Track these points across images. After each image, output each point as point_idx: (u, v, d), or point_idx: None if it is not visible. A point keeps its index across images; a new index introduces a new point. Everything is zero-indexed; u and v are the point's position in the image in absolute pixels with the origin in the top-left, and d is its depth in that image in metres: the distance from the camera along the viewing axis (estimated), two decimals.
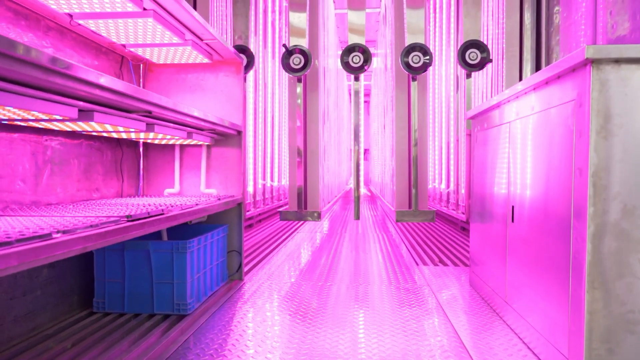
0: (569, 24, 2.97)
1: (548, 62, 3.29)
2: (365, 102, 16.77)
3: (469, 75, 3.47)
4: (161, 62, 2.93)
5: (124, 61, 2.76)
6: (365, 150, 16.17)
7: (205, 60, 2.89)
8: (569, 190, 1.48)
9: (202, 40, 2.59)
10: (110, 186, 2.64)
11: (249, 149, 4.31)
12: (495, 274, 2.31)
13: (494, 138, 2.35)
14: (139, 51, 2.68)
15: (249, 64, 3.48)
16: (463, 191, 3.92)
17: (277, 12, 5.32)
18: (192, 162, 3.02)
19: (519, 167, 1.97)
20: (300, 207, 3.62)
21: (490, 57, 3.29)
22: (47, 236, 1.15)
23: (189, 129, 2.41)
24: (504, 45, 3.50)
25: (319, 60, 3.81)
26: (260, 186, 4.33)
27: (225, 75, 3.00)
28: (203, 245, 2.46)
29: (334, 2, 6.10)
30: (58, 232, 1.21)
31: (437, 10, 5.26)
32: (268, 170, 4.75)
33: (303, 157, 3.66)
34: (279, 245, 4.27)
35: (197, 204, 2.23)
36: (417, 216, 3.53)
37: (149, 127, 1.98)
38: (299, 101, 3.61)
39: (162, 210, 1.81)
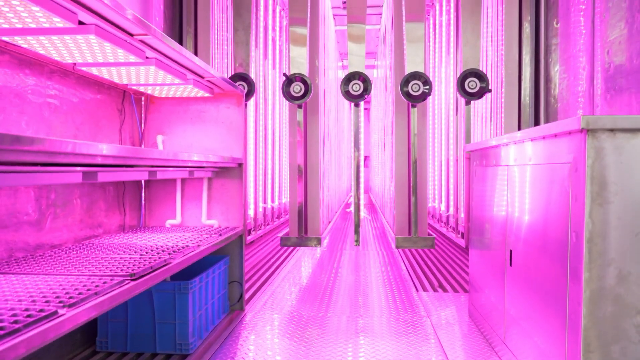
0: (568, 56, 2.99)
1: (547, 92, 3.32)
2: (365, 109, 16.78)
3: (468, 102, 3.49)
4: (163, 95, 2.96)
5: (125, 95, 2.79)
6: (366, 157, 16.19)
7: (207, 95, 2.91)
8: (565, 249, 1.51)
9: (203, 78, 2.62)
10: (112, 220, 2.67)
11: (250, 172, 4.33)
12: (493, 314, 2.34)
13: (492, 177, 2.38)
14: (141, 87, 2.71)
15: (250, 92, 3.51)
16: (462, 215, 3.95)
17: (277, 30, 5.34)
18: (193, 193, 3.04)
19: (517, 213, 2.00)
20: (301, 232, 3.64)
21: (490, 88, 3.31)
22: (54, 315, 1.17)
23: (190, 168, 2.43)
24: (503, 74, 3.52)
25: (319, 86, 3.83)
26: (261, 209, 4.36)
27: (226, 107, 3.03)
28: (205, 282, 2.48)
29: (334, 19, 6.13)
30: (64, 306, 1.24)
31: (437, 35, 5.29)
32: (269, 191, 4.78)
33: (304, 181, 3.68)
34: (280, 266, 4.30)
35: (199, 245, 2.26)
36: (417, 242, 3.55)
37: (152, 174, 2.01)
38: (299, 122, 3.64)
39: (165, 260, 1.83)
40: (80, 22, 1.57)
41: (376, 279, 3.86)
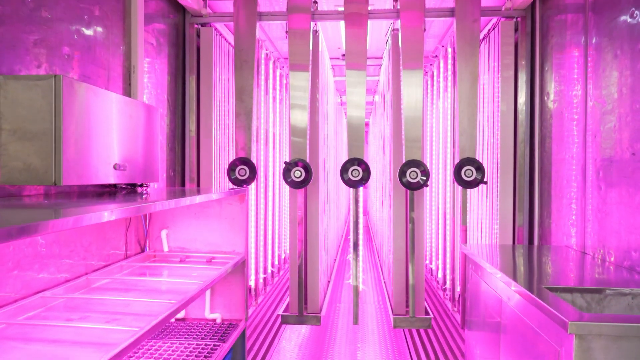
0: (561, 158, 3.09)
1: (541, 178, 3.41)
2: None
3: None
4: None
5: None
6: None
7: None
8: None
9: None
10: None
11: (251, 238, 4.41)
12: None
13: (486, 297, 2.46)
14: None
15: (251, 177, 3.59)
16: (458, 288, 4.04)
17: (277, 90, 5.43)
18: None
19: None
20: (301, 311, 3.72)
21: (485, 180, 3.40)
22: None
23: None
24: (499, 162, 3.62)
25: (319, 170, 3.92)
26: (261, 280, 4.44)
27: (229, 203, 3.11)
28: None
29: (333, 69, 6.23)
30: None
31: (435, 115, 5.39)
32: (269, 259, 4.87)
33: (303, 262, 3.76)
34: (275, 340, 4.36)
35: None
36: (414, 323, 3.64)
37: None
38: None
39: None
40: None
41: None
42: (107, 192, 2.33)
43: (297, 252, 3.73)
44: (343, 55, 5.46)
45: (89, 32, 2.47)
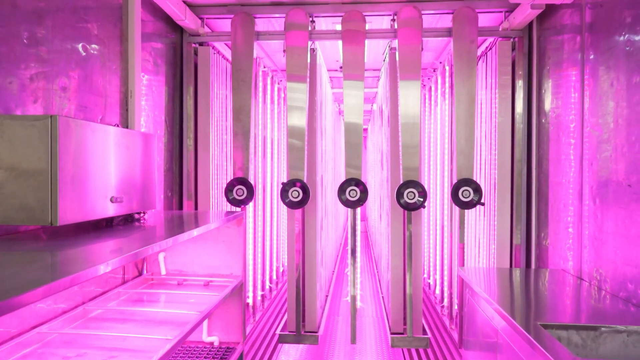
0: (558, 181, 3.09)
1: (538, 199, 3.41)
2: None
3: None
4: None
5: None
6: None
7: None
8: None
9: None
10: None
11: (249, 256, 4.42)
12: None
13: (482, 319, 2.47)
14: None
15: (249, 197, 3.59)
16: (456, 306, 4.04)
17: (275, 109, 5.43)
18: None
19: None
20: (299, 329, 3.72)
21: (482, 201, 3.41)
22: None
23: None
24: (497, 181, 3.62)
25: (316, 189, 3.93)
26: (259, 297, 4.44)
27: (226, 227, 3.11)
28: None
29: (331, 82, 6.23)
30: None
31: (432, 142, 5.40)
32: (267, 275, 4.87)
33: (301, 280, 3.76)
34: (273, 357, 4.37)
35: None
36: (412, 342, 3.64)
37: None
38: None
39: None
40: None
41: None
42: (104, 225, 2.34)
43: (295, 270, 3.73)
44: (341, 67, 5.46)
45: (85, 61, 2.47)
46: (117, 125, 2.75)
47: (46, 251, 1.70)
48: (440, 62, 4.79)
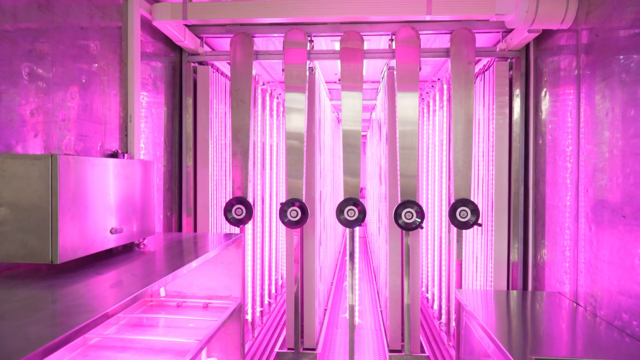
0: (554, 204, 3.12)
1: (535, 220, 3.44)
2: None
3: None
4: None
5: None
6: (361, 189, 16.30)
7: None
8: None
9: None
10: None
11: (248, 269, 4.44)
12: None
13: (478, 343, 2.49)
14: None
15: (247, 217, 3.61)
16: (454, 323, 4.06)
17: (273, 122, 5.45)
18: None
19: None
20: (297, 347, 3.75)
21: (480, 222, 3.43)
22: None
23: None
24: (494, 201, 3.64)
25: (315, 208, 3.95)
26: (258, 314, 4.46)
27: (225, 249, 3.13)
28: None
29: (329, 94, 6.25)
30: None
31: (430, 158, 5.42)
32: (266, 290, 4.89)
33: (300, 297, 3.78)
34: None
35: None
36: None
37: None
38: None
39: None
40: None
41: None
42: (104, 254, 2.35)
43: (294, 284, 3.75)
44: (339, 80, 5.48)
45: (85, 90, 2.49)
46: (117, 151, 2.77)
47: (47, 291, 1.72)
48: (439, 79, 4.81)
